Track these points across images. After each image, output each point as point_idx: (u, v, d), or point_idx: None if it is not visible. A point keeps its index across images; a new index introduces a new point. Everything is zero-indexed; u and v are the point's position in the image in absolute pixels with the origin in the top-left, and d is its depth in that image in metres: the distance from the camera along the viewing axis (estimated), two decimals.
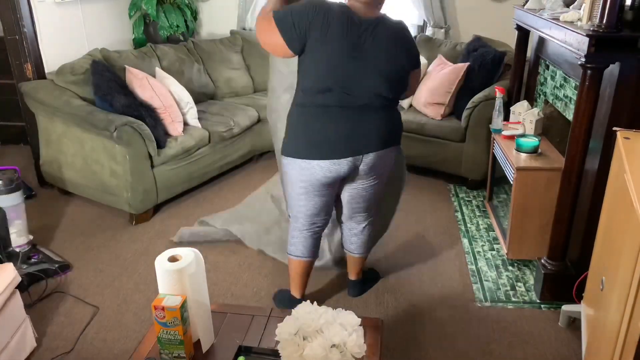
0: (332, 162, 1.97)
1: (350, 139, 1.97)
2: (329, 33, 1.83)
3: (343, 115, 1.94)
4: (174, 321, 1.37)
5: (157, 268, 1.43)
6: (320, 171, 2.00)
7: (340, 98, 1.91)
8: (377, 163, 2.05)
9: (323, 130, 1.96)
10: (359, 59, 1.87)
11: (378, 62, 1.89)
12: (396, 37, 1.93)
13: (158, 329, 1.39)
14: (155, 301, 1.37)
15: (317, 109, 1.95)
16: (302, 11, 1.85)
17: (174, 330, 1.39)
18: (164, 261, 1.44)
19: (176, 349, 1.42)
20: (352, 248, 2.35)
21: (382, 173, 2.13)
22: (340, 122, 1.95)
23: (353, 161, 2.00)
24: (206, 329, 1.50)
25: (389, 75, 1.92)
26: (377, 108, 1.97)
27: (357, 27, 1.86)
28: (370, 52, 1.87)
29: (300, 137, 2.00)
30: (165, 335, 1.40)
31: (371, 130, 1.98)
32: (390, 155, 2.10)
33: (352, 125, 1.96)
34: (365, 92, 1.92)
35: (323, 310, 1.40)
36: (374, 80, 1.91)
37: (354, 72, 1.88)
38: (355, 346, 1.30)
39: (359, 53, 1.86)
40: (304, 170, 2.01)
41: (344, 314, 1.41)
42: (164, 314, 1.36)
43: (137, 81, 3.36)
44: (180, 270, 1.41)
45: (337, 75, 1.88)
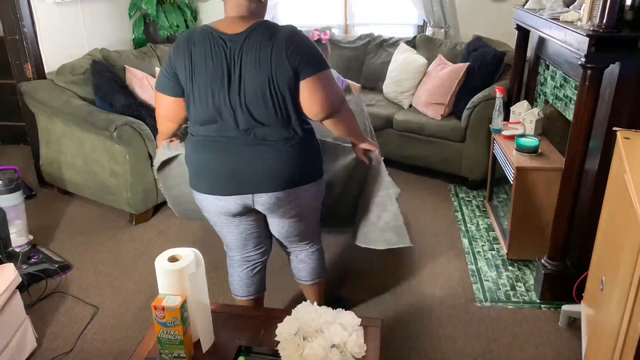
0: (217, 198, 1.74)
1: (236, 176, 1.69)
2: (194, 66, 1.62)
3: (230, 147, 1.68)
4: (174, 321, 1.37)
5: (157, 268, 1.43)
6: (210, 205, 1.78)
7: (225, 129, 1.66)
8: (278, 205, 1.74)
9: (208, 162, 1.71)
10: (233, 88, 1.60)
11: (254, 89, 1.59)
12: (271, 51, 1.56)
13: (158, 329, 1.40)
14: (155, 301, 1.38)
15: (204, 138, 1.71)
16: (167, 57, 1.70)
17: (174, 330, 1.39)
18: (164, 261, 1.44)
19: (176, 349, 1.42)
20: (302, 275, 2.09)
21: (298, 212, 1.81)
22: (227, 156, 1.69)
23: (242, 200, 1.73)
24: (206, 329, 1.50)
25: (269, 103, 1.61)
26: (274, 143, 1.66)
27: (223, 50, 1.59)
28: (244, 79, 1.59)
29: (190, 167, 1.79)
30: (165, 335, 1.40)
31: (263, 169, 1.67)
32: (303, 195, 1.76)
33: (240, 160, 1.68)
34: (253, 124, 1.64)
35: (323, 310, 1.40)
36: (256, 110, 1.62)
37: (231, 104, 1.62)
38: (355, 346, 1.30)
39: (231, 80, 1.60)
40: (200, 202, 1.82)
41: (344, 314, 1.41)
42: (164, 314, 1.37)
43: (137, 81, 3.36)
44: (180, 270, 1.41)
45: (215, 110, 1.63)
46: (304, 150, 1.72)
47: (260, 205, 1.74)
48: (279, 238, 1.99)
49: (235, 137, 1.67)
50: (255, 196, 1.71)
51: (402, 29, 4.57)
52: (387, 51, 4.16)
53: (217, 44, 1.60)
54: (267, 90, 1.59)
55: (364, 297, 2.46)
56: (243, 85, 1.60)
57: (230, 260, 2.03)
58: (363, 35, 4.36)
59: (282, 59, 1.56)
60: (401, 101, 3.87)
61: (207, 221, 1.94)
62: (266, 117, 1.63)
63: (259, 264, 2.02)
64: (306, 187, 1.76)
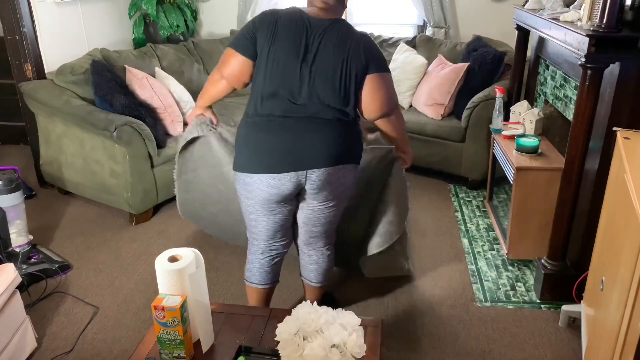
0: (271, 177, 1.79)
1: (293, 153, 1.77)
2: (277, 34, 1.76)
3: (287, 125, 1.78)
4: (174, 321, 1.37)
5: (157, 268, 1.43)
6: (261, 186, 1.82)
7: (286, 106, 1.77)
8: (326, 182, 1.82)
9: (264, 141, 1.79)
10: (307, 62, 1.74)
11: (327, 68, 1.75)
12: (350, 41, 1.76)
13: (158, 329, 1.40)
14: (155, 301, 1.38)
15: (261, 119, 1.80)
16: (250, 22, 1.82)
17: (174, 330, 1.39)
18: (164, 261, 1.44)
19: (176, 349, 1.42)
20: (311, 277, 2.12)
21: (336, 195, 1.90)
22: (284, 133, 1.78)
23: (296, 177, 1.79)
24: (206, 329, 1.50)
25: (337, 83, 1.76)
26: (328, 121, 1.79)
27: (306, 28, 1.75)
28: (319, 56, 1.75)
29: (243, 149, 1.84)
30: (165, 335, 1.40)
31: (317, 144, 1.78)
32: (346, 175, 1.86)
33: (296, 137, 1.78)
34: (313, 100, 1.76)
35: (323, 310, 1.40)
36: (322, 87, 1.75)
37: (300, 76, 1.75)
38: (355, 346, 1.30)
39: (307, 55, 1.74)
40: (247, 186, 1.85)
41: (344, 314, 1.41)
42: (164, 314, 1.37)
43: (137, 81, 3.36)
44: (180, 270, 1.41)
45: (283, 78, 1.75)
46: (352, 132, 1.86)
47: (311, 182, 1.81)
48: (307, 228, 2.01)
49: (290, 116, 1.77)
50: (309, 172, 1.79)
51: (402, 29, 4.57)
52: (387, 51, 4.16)
53: (302, 21, 1.77)
54: (339, 70, 1.75)
55: (364, 297, 2.46)
56: (317, 61, 1.74)
57: (253, 248, 2.05)
58: None
59: (358, 50, 1.75)
60: (401, 101, 3.87)
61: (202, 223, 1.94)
62: (329, 94, 1.76)
63: (280, 254, 2.07)
64: (350, 166, 1.87)
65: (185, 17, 4.45)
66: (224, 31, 4.63)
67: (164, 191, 3.26)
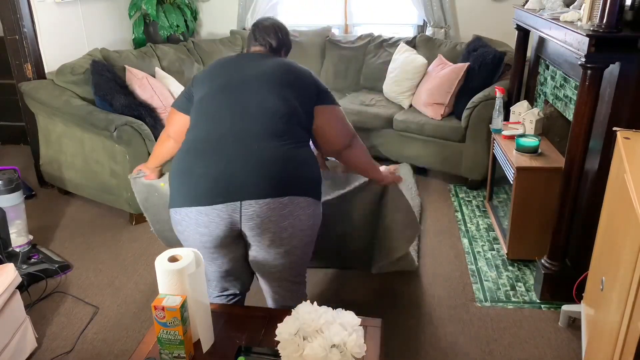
0: (198, 212, 1.53)
1: (222, 179, 1.51)
2: (210, 76, 1.74)
3: (217, 147, 1.55)
4: (174, 321, 1.37)
5: (157, 268, 1.43)
6: (190, 225, 1.57)
7: (217, 127, 1.59)
8: (267, 220, 1.52)
9: (190, 167, 1.56)
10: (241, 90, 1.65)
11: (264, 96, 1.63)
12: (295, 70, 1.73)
13: (158, 329, 1.39)
14: (155, 301, 1.37)
15: (188, 144, 1.62)
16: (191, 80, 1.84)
17: (174, 330, 1.38)
18: (163, 261, 1.44)
19: (176, 349, 1.41)
20: (268, 302, 1.86)
21: (285, 238, 1.57)
22: (212, 156, 1.54)
23: (227, 213, 1.51)
24: (206, 329, 1.49)
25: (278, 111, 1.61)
26: (270, 144, 1.54)
27: (239, 62, 1.76)
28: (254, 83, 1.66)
29: (172, 181, 1.63)
30: (165, 335, 1.40)
31: (252, 169, 1.51)
32: (295, 212, 1.54)
33: (229, 160, 1.52)
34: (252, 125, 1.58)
35: (323, 310, 1.39)
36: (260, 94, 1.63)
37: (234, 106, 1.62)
38: (356, 346, 1.29)
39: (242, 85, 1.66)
40: (178, 225, 1.62)
41: (344, 314, 1.41)
42: (164, 314, 1.36)
43: (137, 81, 3.36)
44: (180, 270, 1.41)
45: (216, 112, 1.63)
46: (302, 154, 1.60)
47: (248, 219, 1.51)
48: (261, 275, 1.75)
49: (226, 135, 1.56)
50: (244, 206, 1.50)
51: (402, 29, 4.57)
52: (387, 51, 4.16)
53: (237, 57, 1.80)
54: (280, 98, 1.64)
55: (364, 297, 2.46)
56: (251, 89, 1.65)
57: (209, 288, 1.83)
58: (363, 35, 4.36)
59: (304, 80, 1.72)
60: (401, 101, 3.87)
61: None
62: (268, 122, 1.59)
63: (237, 296, 1.87)
64: (301, 200, 1.55)
65: (185, 17, 4.45)
66: (224, 31, 4.63)
67: None
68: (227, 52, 4.34)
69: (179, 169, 1.60)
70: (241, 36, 4.48)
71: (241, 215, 1.52)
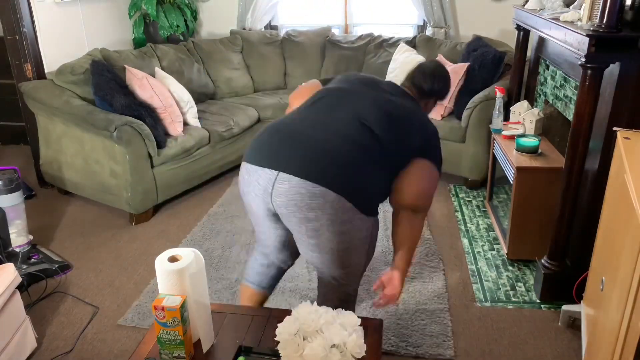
0: (246, 169, 1.61)
1: (279, 149, 1.55)
2: (347, 77, 1.92)
3: (301, 126, 1.62)
4: (174, 321, 1.37)
5: (157, 268, 1.42)
6: (242, 181, 1.65)
7: (320, 117, 1.65)
8: (292, 202, 1.50)
9: (269, 131, 1.63)
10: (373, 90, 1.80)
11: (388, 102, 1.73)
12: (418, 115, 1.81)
13: (158, 329, 1.39)
14: (155, 301, 1.37)
15: (288, 115, 1.72)
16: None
17: (174, 331, 1.38)
18: (164, 261, 1.43)
19: (176, 349, 1.41)
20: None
21: (310, 228, 1.53)
22: (290, 129, 1.61)
23: (265, 181, 1.54)
24: (206, 329, 1.49)
25: (388, 114, 1.68)
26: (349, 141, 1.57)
27: (382, 83, 1.89)
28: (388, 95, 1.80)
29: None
30: (165, 336, 1.40)
31: (309, 151, 1.53)
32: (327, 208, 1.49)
33: (297, 138, 1.58)
34: (352, 119, 1.63)
35: (323, 310, 1.39)
36: (371, 110, 1.67)
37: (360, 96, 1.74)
38: (356, 346, 1.29)
39: (377, 90, 1.81)
40: (240, 177, 1.68)
41: (344, 314, 1.41)
42: (164, 314, 1.36)
43: (137, 81, 3.36)
44: (180, 270, 1.41)
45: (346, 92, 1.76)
46: (365, 169, 1.55)
47: (277, 195, 1.50)
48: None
49: (319, 122, 1.61)
50: (278, 180, 1.49)
51: (402, 29, 4.57)
52: (387, 51, 4.16)
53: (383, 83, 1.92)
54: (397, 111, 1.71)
55: (364, 297, 2.46)
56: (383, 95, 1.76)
57: (256, 248, 1.95)
58: (363, 35, 4.36)
59: (421, 127, 1.78)
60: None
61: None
62: (373, 117, 1.63)
63: (278, 268, 1.93)
64: (336, 199, 1.47)
65: (185, 17, 4.45)
66: (224, 31, 4.63)
67: (164, 191, 3.26)
68: (227, 52, 4.35)
69: (267, 127, 1.66)
70: (241, 36, 4.48)
71: (273, 188, 1.52)
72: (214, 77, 4.26)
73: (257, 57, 4.44)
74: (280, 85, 4.53)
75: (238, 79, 4.36)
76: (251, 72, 4.46)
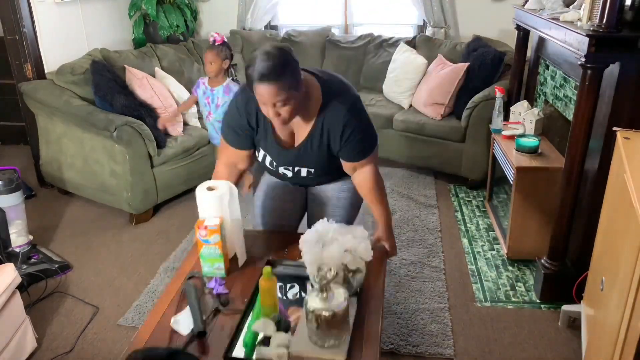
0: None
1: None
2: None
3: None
4: (215, 238, 1.60)
5: (198, 196, 1.64)
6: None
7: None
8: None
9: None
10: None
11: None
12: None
13: (201, 245, 1.62)
14: (197, 223, 1.61)
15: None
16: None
17: (215, 246, 1.61)
18: (203, 190, 1.65)
19: (216, 261, 1.64)
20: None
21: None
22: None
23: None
24: (240, 246, 1.74)
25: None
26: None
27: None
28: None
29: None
30: (207, 251, 1.62)
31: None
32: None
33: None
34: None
35: (338, 225, 1.60)
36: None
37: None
38: (364, 251, 1.53)
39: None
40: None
41: (354, 228, 1.60)
42: (206, 232, 1.59)
43: (137, 81, 3.36)
44: (219, 197, 1.62)
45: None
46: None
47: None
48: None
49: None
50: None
51: (402, 29, 4.57)
52: (387, 51, 4.16)
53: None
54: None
55: None
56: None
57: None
58: (363, 35, 4.36)
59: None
60: (401, 101, 3.87)
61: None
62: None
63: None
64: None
65: (185, 17, 4.45)
66: (224, 31, 4.61)
67: (164, 191, 3.26)
68: None
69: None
70: (241, 36, 4.48)
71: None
72: None
73: None
74: None
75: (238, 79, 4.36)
76: None
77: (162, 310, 1.53)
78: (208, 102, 3.09)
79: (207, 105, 3.11)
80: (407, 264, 2.72)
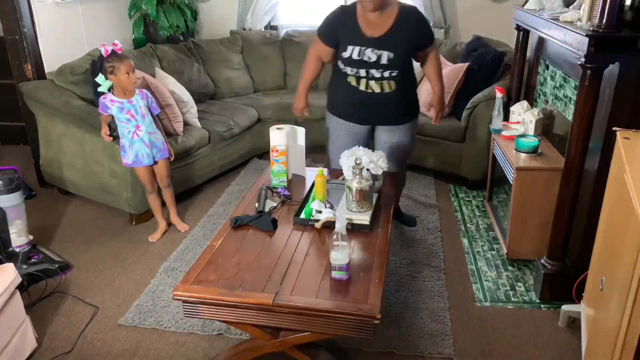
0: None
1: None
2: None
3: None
4: (282, 159, 2.37)
5: (271, 132, 2.39)
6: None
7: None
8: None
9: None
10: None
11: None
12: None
13: (272, 164, 2.39)
14: (271, 148, 2.37)
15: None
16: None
17: (282, 165, 2.38)
18: (275, 129, 2.39)
19: (282, 176, 2.40)
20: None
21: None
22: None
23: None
24: (300, 166, 2.55)
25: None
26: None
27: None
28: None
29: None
30: (277, 168, 2.39)
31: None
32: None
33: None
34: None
35: (363, 150, 2.21)
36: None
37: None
38: (383, 162, 2.20)
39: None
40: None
41: (375, 153, 2.22)
42: (277, 154, 2.36)
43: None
44: (286, 133, 2.38)
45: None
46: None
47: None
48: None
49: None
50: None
51: None
52: None
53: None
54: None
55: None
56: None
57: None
58: None
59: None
60: None
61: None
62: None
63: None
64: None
65: (185, 17, 4.45)
66: (224, 31, 4.63)
67: None
68: (227, 53, 4.35)
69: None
70: (241, 36, 4.49)
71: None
72: (214, 78, 4.26)
73: (257, 57, 4.45)
74: (280, 85, 4.53)
75: (238, 79, 4.37)
76: (251, 72, 4.47)
77: (243, 209, 2.25)
78: (131, 115, 2.76)
79: (130, 119, 2.76)
80: (407, 263, 2.72)
